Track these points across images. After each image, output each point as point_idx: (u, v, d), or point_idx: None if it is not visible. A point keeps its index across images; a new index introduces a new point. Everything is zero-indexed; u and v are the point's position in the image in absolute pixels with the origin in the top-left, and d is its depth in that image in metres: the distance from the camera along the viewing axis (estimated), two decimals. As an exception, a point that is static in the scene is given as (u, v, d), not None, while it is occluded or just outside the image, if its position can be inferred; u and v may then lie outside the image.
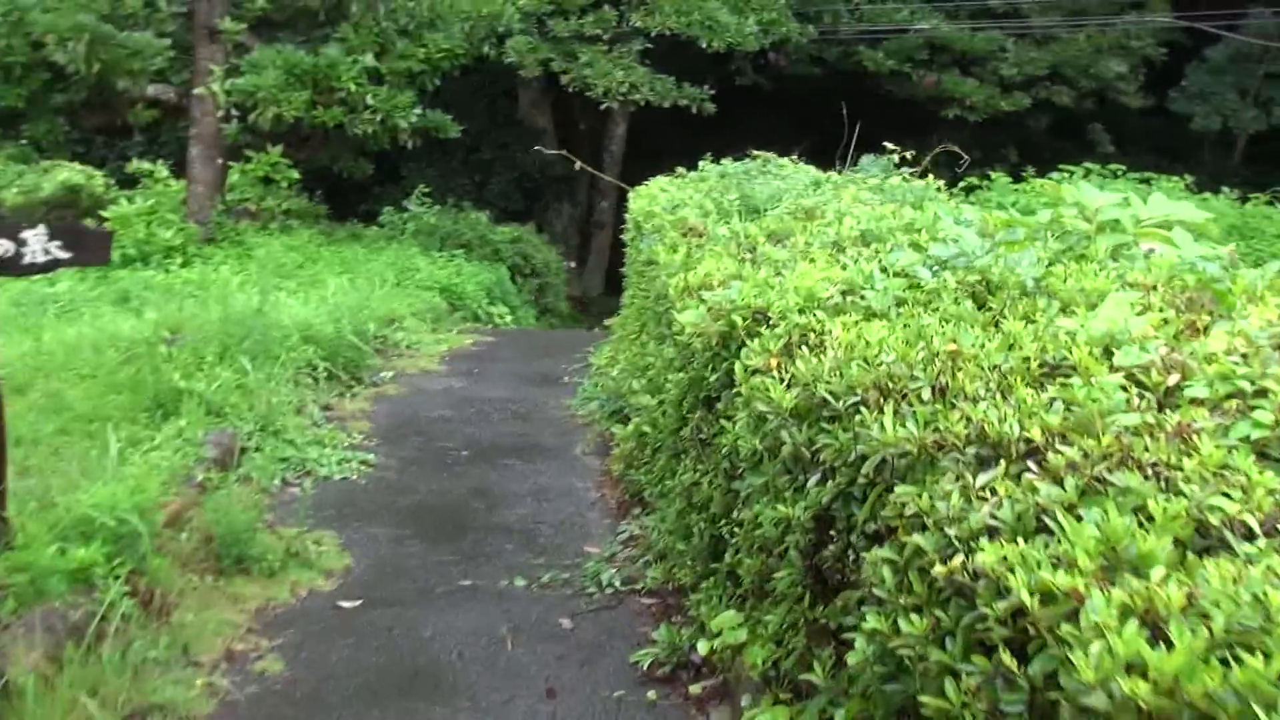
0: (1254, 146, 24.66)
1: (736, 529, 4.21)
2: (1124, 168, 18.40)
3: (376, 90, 14.08)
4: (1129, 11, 21.62)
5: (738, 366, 3.92)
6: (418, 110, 14.49)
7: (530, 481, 7.09)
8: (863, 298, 4.01)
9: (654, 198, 9.40)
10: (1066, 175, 18.18)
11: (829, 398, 3.20)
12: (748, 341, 4.08)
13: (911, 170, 9.41)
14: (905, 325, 3.46)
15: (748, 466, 4.01)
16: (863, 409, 2.97)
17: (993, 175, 17.92)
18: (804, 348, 3.67)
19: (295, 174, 14.63)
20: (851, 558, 3.01)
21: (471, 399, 9.03)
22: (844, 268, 4.64)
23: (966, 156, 9.74)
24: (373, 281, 12.45)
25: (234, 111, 14.16)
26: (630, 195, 11.09)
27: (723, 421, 4.33)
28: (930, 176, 9.04)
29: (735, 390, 4.09)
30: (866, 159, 9.38)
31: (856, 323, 3.62)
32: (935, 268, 4.24)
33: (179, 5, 14.99)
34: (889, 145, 9.53)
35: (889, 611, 2.47)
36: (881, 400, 3.01)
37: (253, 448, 6.95)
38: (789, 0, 19.65)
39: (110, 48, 13.52)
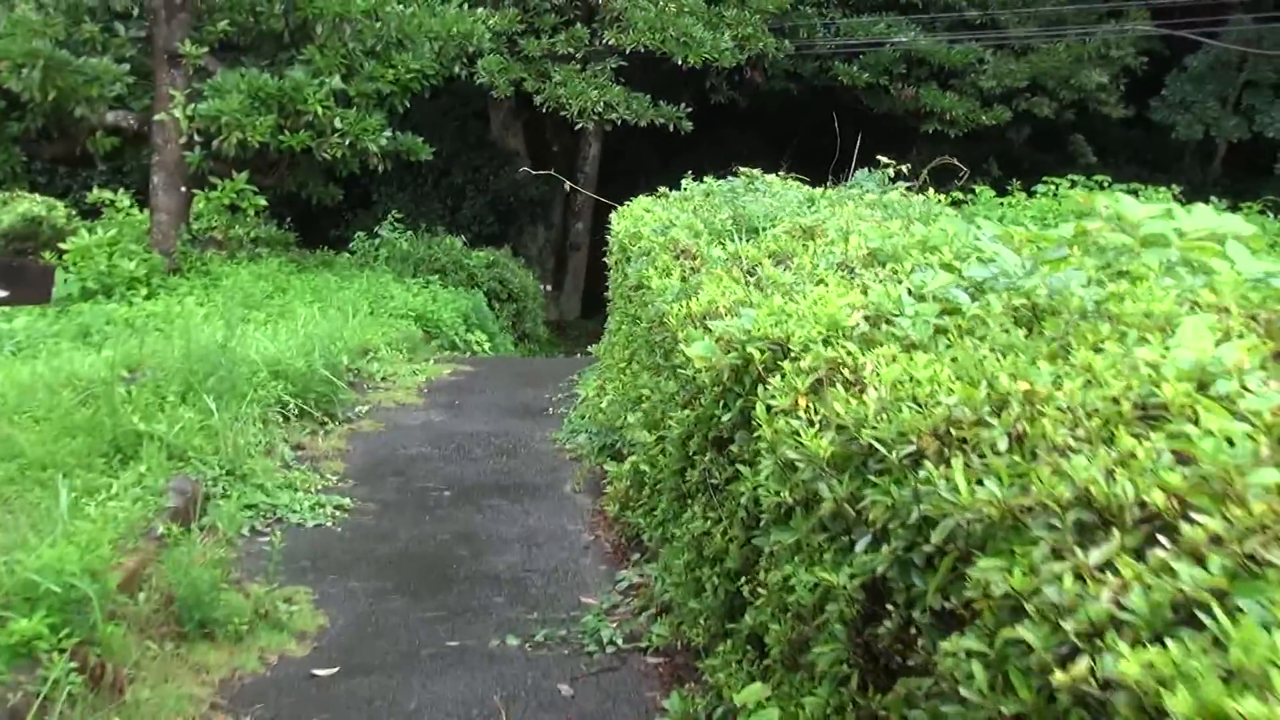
0: (1233, 154, 24.48)
1: (760, 589, 3.77)
2: (1109, 178, 18.10)
3: (345, 113, 13.62)
4: (1108, 20, 21.35)
5: (758, 407, 3.49)
6: (387, 133, 14.04)
7: (518, 524, 6.62)
8: (894, 326, 3.59)
9: (639, 218, 8.98)
10: (1051, 187, 17.90)
11: (877, 446, 2.77)
12: (767, 378, 3.66)
13: (908, 185, 9.04)
14: (955, 359, 3.04)
15: (771, 519, 3.57)
16: (924, 462, 2.53)
17: (977, 189, 17.59)
18: (837, 385, 3.25)
19: (262, 201, 14.12)
20: (914, 637, 2.57)
21: (452, 434, 8.56)
22: (864, 291, 4.24)
23: (965, 169, 9.37)
24: (345, 311, 11.98)
25: (197, 138, 13.67)
26: (613, 217, 10.68)
27: (739, 466, 3.89)
28: (931, 190, 8.67)
29: (754, 433, 3.67)
30: (861, 173, 9.00)
31: (895, 356, 3.20)
32: (972, 290, 3.83)
33: (137, 29, 14.52)
34: (883, 159, 9.16)
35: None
36: (944, 450, 2.59)
37: (218, 494, 6.47)
38: (764, 15, 19.28)
39: (66, 74, 13.02)
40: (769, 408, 3.46)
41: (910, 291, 3.94)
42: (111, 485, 6.11)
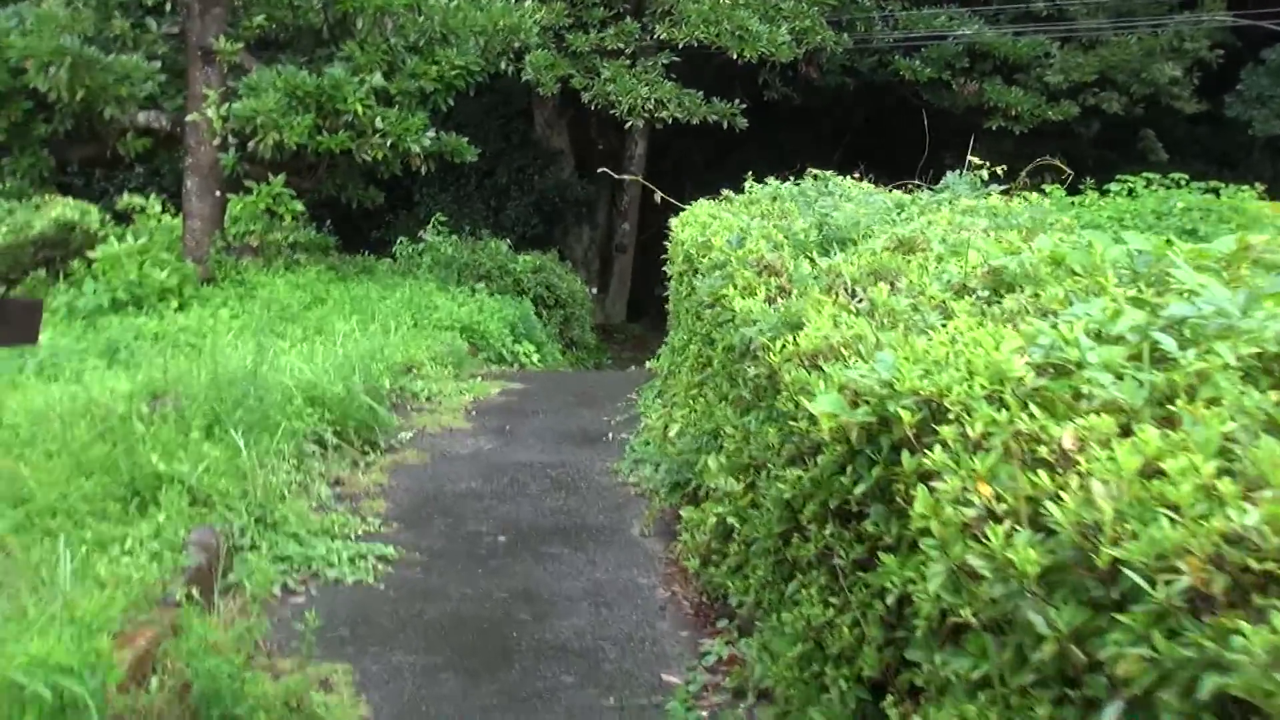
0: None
1: (913, 711, 2.99)
2: (1185, 176, 17.13)
3: (386, 112, 12.90)
4: (1180, 11, 20.33)
5: (920, 497, 2.70)
6: (430, 133, 13.31)
7: (584, 578, 5.85)
8: (1084, 380, 2.80)
9: (706, 225, 8.20)
10: (1125, 186, 16.97)
11: (1129, 573, 2.00)
12: (922, 450, 2.87)
13: (1003, 188, 8.21)
14: (1204, 440, 2.24)
15: (935, 631, 2.79)
16: (1209, 604, 1.76)
17: (1047, 188, 16.67)
18: (1032, 467, 2.48)
19: (299, 205, 13.41)
20: None
21: (504, 465, 7.80)
22: (1014, 327, 3.48)
23: (1070, 171, 8.58)
24: (387, 324, 11.26)
25: (231, 139, 12.99)
26: (673, 222, 9.90)
27: (880, 555, 3.11)
28: (1035, 194, 7.86)
29: (898, 511, 2.91)
30: (950, 177, 8.16)
31: (1115, 433, 2.42)
32: (1175, 332, 3.03)
33: (170, 25, 13.86)
34: (974, 159, 8.33)
35: None
36: (1239, 591, 1.81)
37: (246, 546, 5.74)
38: (822, 7, 18.42)
39: (95, 73, 12.37)
40: (934, 494, 2.68)
41: (1089, 332, 3.15)
42: (127, 537, 5.41)
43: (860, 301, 4.60)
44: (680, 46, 17.58)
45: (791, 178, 9.95)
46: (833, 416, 3.23)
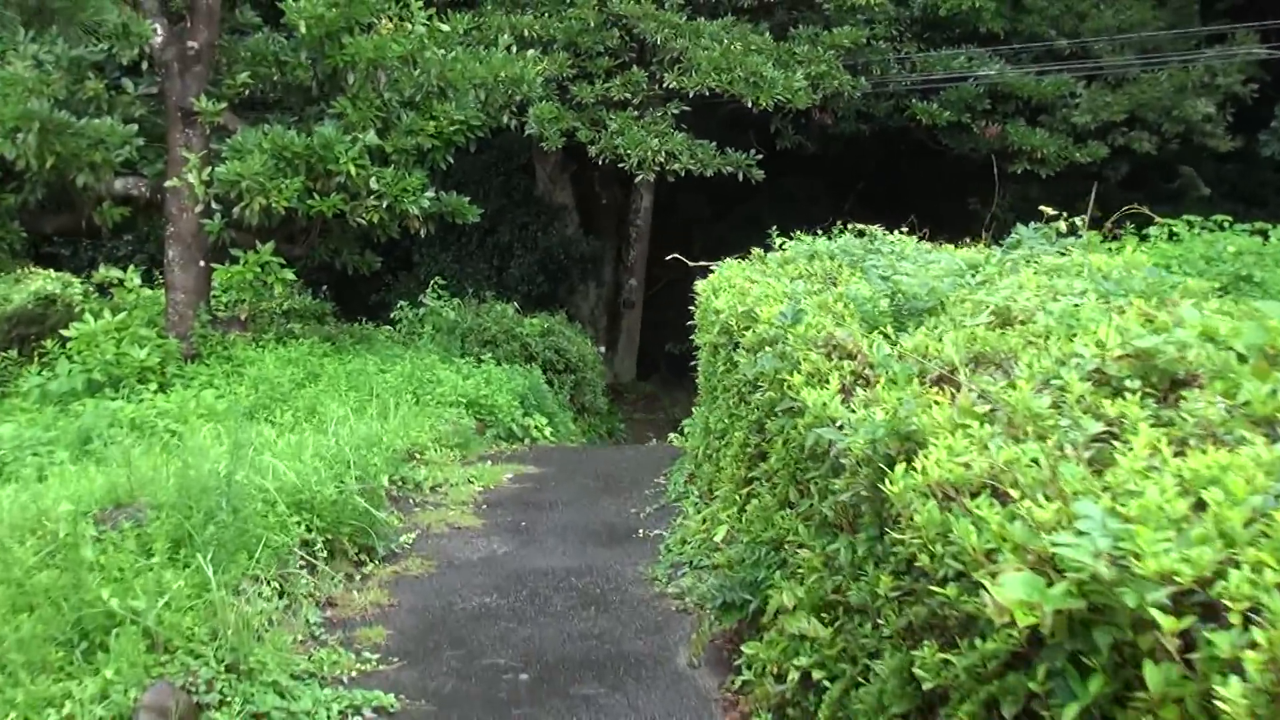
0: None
1: None
2: (1229, 218, 16.18)
3: (381, 172, 11.96)
4: (1211, 46, 19.44)
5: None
6: (430, 193, 12.37)
7: (625, 731, 4.81)
8: None
9: (744, 292, 7.22)
10: (1164, 228, 16.02)
11: None
12: (1181, 661, 1.87)
13: (1077, 239, 7.26)
14: None
15: None
16: None
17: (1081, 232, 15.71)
18: None
19: (290, 274, 12.44)
20: None
21: (522, 573, 6.76)
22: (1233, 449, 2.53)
23: (1154, 216, 7.68)
24: (386, 401, 10.27)
25: (215, 205, 12.04)
26: (703, 288, 8.96)
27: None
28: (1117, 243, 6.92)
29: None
30: (1024, 229, 7.19)
31: None
32: None
33: (148, 85, 12.94)
34: (1047, 209, 7.37)
35: None
36: None
37: (214, 703, 4.70)
38: (838, 51, 17.54)
39: (66, 138, 11.44)
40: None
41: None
42: (67, 699, 4.41)
43: (984, 400, 3.59)
44: (691, 95, 16.68)
45: (820, 232, 9.02)
46: (1030, 608, 2.22)
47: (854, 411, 4.07)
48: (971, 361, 4.16)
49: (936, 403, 3.51)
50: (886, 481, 3.15)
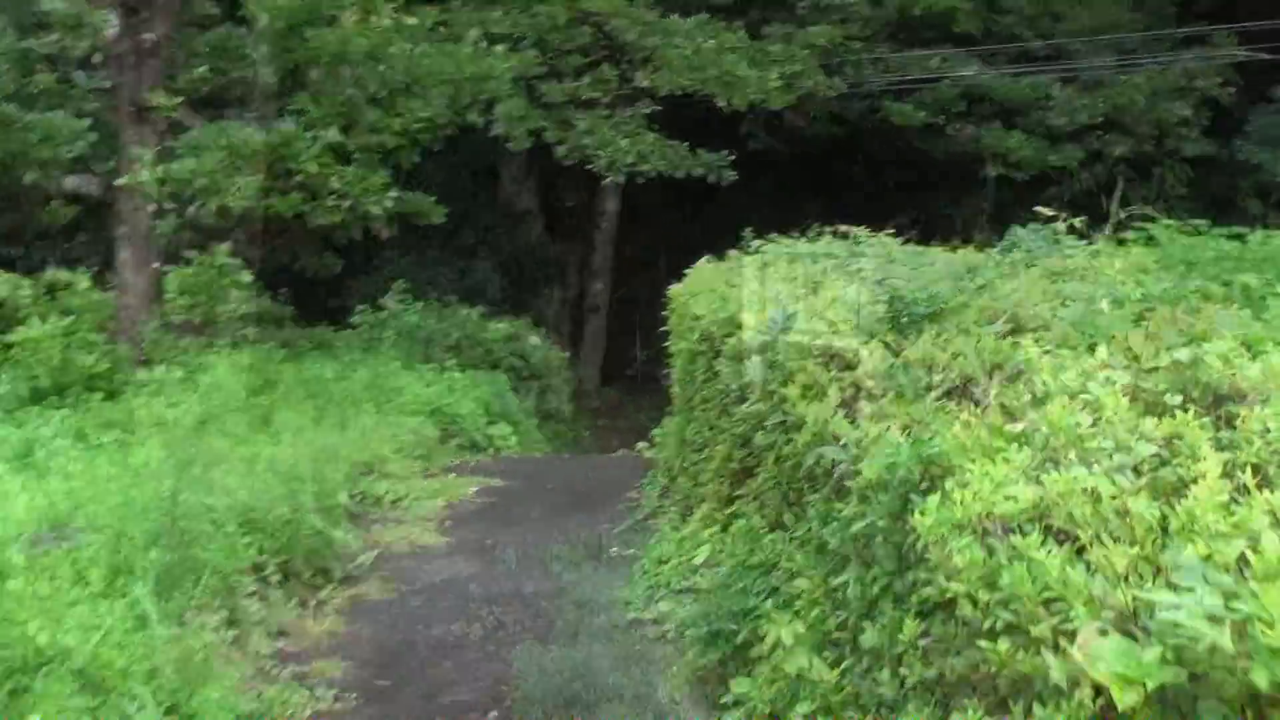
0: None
1: None
2: (1207, 221, 15.97)
3: (343, 171, 11.52)
4: (1189, 47, 19.21)
5: None
6: (393, 193, 11.93)
7: (604, 780, 4.41)
8: None
9: (725, 298, 6.87)
10: (1143, 232, 15.79)
11: None
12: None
13: (1085, 240, 6.97)
14: None
15: None
16: None
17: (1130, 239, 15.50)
18: None
19: (247, 277, 11.96)
20: None
21: (489, 598, 6.34)
22: None
23: (1158, 215, 7.44)
24: (345, 411, 9.82)
25: (170, 204, 11.55)
26: (674, 291, 8.60)
27: None
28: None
29: None
30: (1022, 231, 6.88)
31: None
32: None
33: (101, 79, 12.43)
34: (1043, 210, 7.05)
35: None
36: None
37: (151, 753, 4.28)
38: (814, 50, 17.20)
39: (13, 133, 10.96)
40: None
41: None
42: (-15, 748, 3.98)
43: (1009, 418, 3.22)
44: (662, 94, 16.30)
45: (798, 235, 8.68)
46: (1127, 682, 1.83)
47: (858, 428, 3.71)
48: (991, 373, 3.82)
49: (962, 421, 3.14)
50: (913, 513, 2.76)
